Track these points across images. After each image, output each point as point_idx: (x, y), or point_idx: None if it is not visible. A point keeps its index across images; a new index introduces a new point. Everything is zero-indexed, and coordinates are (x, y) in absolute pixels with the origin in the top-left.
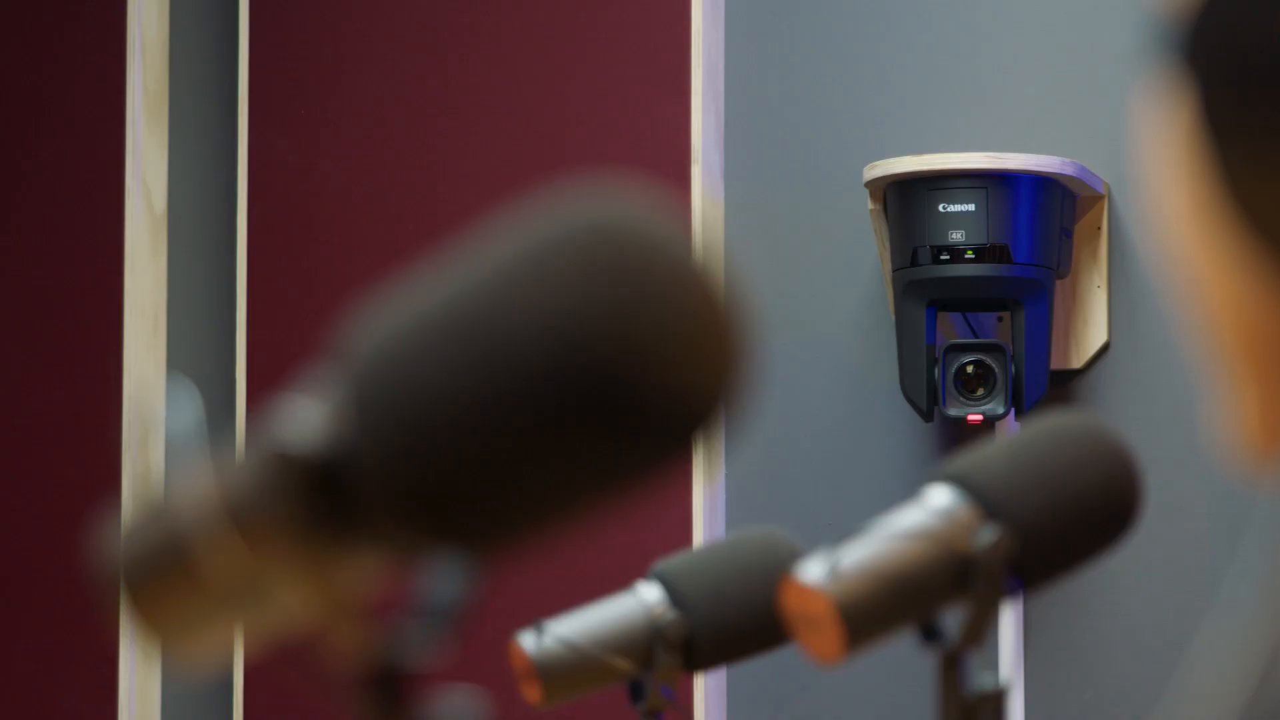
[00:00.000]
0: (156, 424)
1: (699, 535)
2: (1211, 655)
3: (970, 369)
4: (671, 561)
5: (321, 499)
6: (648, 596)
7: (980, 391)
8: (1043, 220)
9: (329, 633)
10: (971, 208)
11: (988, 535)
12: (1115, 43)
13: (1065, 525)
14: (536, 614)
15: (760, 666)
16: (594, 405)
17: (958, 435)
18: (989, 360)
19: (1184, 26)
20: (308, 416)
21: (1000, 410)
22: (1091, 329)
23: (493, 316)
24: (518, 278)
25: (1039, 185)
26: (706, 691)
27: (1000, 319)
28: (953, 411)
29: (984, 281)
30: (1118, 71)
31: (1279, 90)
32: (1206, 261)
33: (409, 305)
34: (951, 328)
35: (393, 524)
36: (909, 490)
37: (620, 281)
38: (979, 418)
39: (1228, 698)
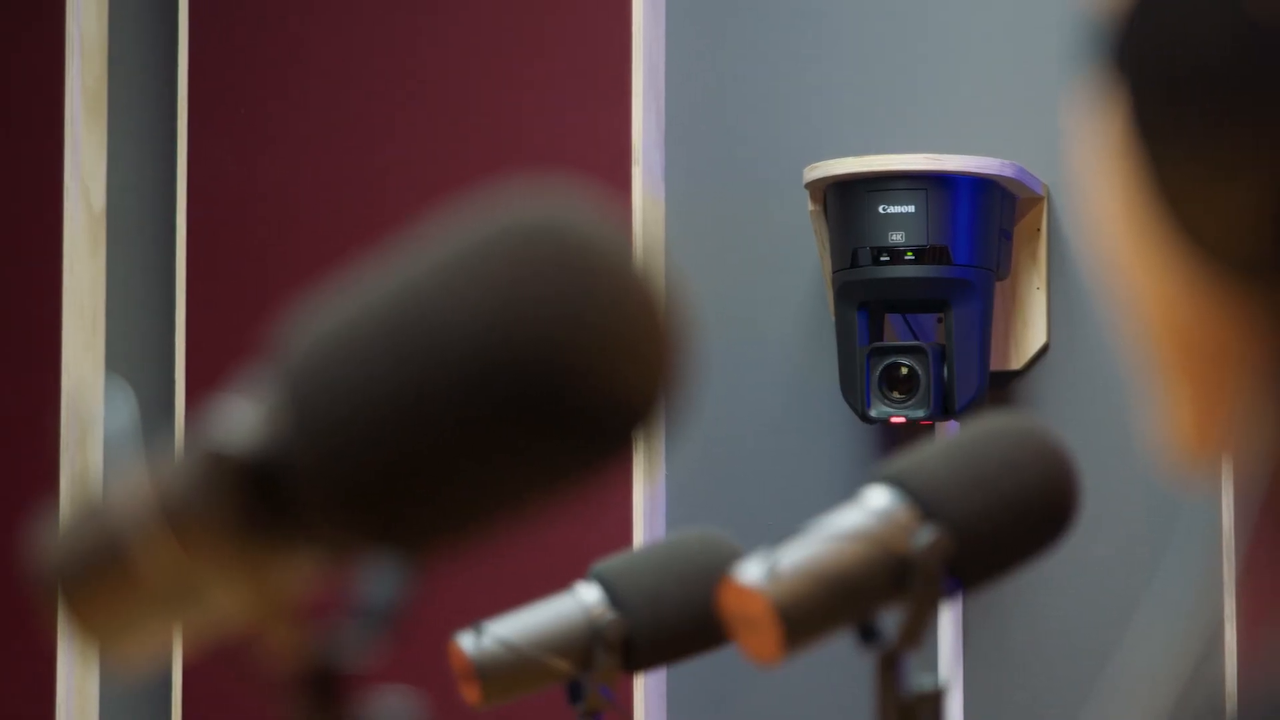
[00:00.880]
0: (94, 423)
1: (639, 536)
2: (1143, 655)
3: (903, 370)
4: (610, 562)
5: (257, 499)
6: (587, 597)
7: (903, 394)
8: (982, 222)
9: (265, 633)
10: (911, 209)
11: (926, 536)
12: (1055, 45)
13: (1003, 526)
14: (477, 615)
15: (700, 667)
16: (529, 405)
17: (898, 437)
18: (911, 362)
19: (1114, 31)
20: (243, 417)
21: (922, 413)
22: (1031, 330)
23: (428, 316)
24: (454, 278)
25: (978, 187)
26: (646, 692)
27: (940, 320)
28: (875, 413)
29: (919, 283)
30: (1057, 73)
31: (1207, 95)
32: (1140, 264)
33: (345, 305)
34: (893, 330)
35: (328, 524)
36: (850, 491)
37: (556, 281)
38: (902, 419)
39: (1159, 697)
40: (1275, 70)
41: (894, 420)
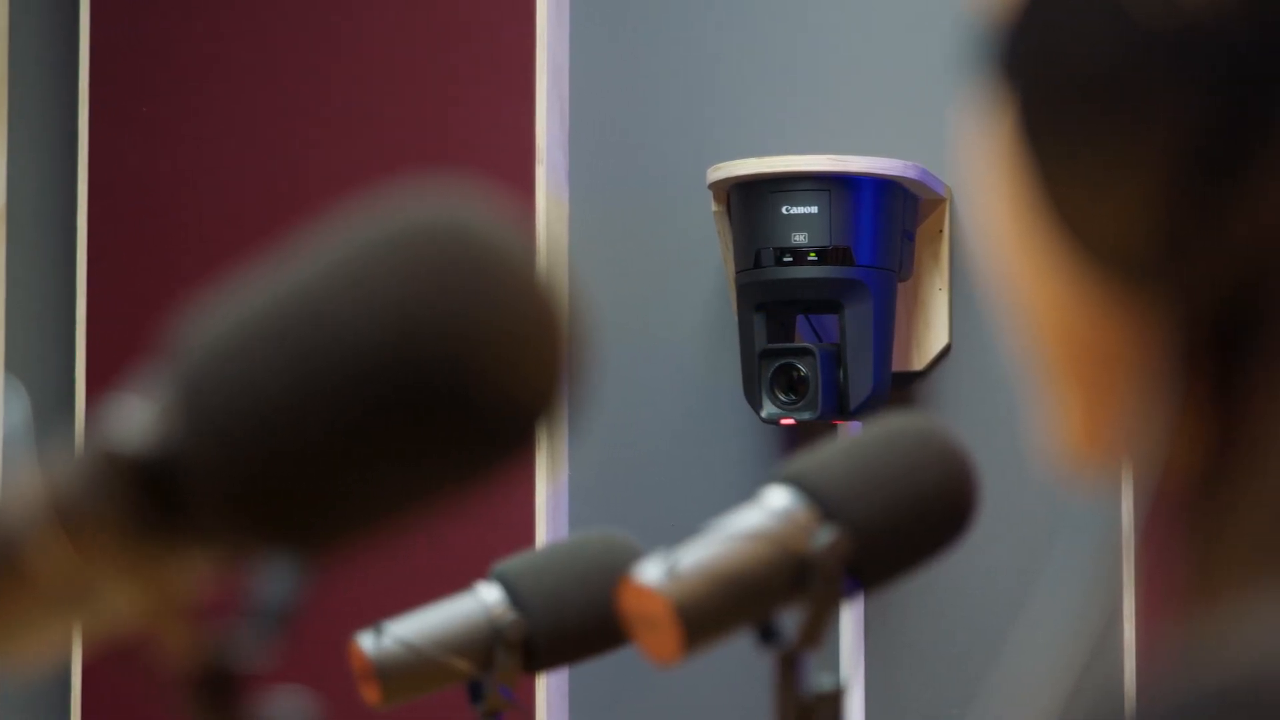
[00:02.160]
0: None
1: (542, 536)
2: (1031, 654)
3: (797, 372)
4: (511, 562)
5: (150, 499)
6: (487, 597)
7: (795, 395)
8: (885, 223)
9: (160, 633)
10: (814, 210)
11: (825, 536)
12: (958, 46)
13: (902, 526)
14: (378, 615)
15: (602, 667)
16: (424, 403)
17: (801, 437)
18: (799, 364)
19: (1000, 35)
20: (137, 416)
21: (810, 415)
22: (933, 331)
23: (322, 315)
24: (346, 276)
25: (881, 188)
26: (549, 692)
27: (840, 321)
28: (766, 414)
29: (821, 284)
30: (960, 75)
31: (1091, 99)
32: (1030, 267)
33: (241, 304)
34: (796, 331)
35: (222, 524)
36: (754, 492)
37: (450, 280)
38: (791, 421)
39: (1048, 696)
40: (1157, 74)
41: (784, 422)
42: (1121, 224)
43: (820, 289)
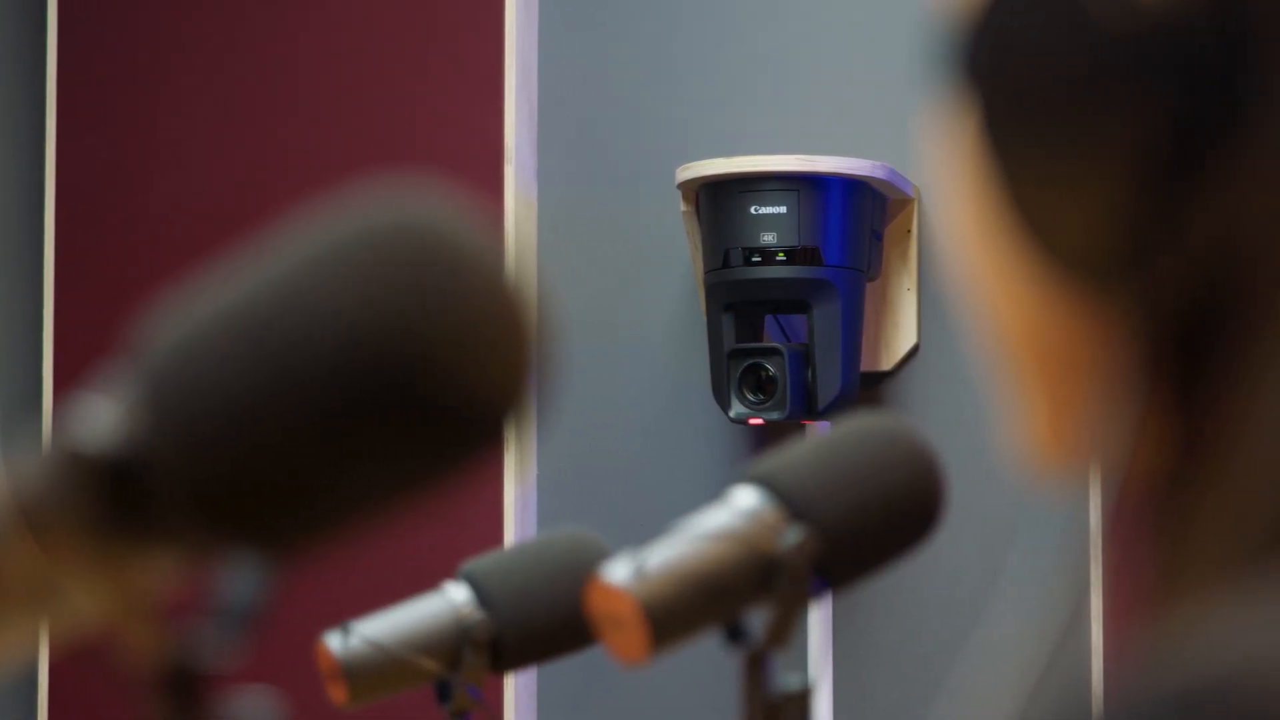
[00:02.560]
0: None
1: (510, 535)
2: (996, 653)
3: (765, 372)
4: (479, 562)
5: (115, 499)
6: (455, 597)
7: (763, 395)
8: (853, 223)
9: (125, 633)
10: (783, 210)
11: (793, 536)
12: (925, 47)
13: (870, 526)
14: (347, 614)
15: (571, 666)
16: (388, 403)
17: (770, 437)
18: (768, 364)
19: (963, 39)
20: (102, 415)
21: (778, 415)
22: (901, 331)
23: (287, 313)
24: (313, 275)
25: (850, 188)
26: (517, 691)
27: (809, 321)
28: (734, 414)
29: (789, 283)
30: (928, 75)
31: (1053, 104)
32: (995, 270)
33: (206, 302)
34: (765, 331)
35: (187, 523)
36: (722, 491)
37: (416, 278)
38: (759, 421)
39: (1012, 695)
40: (1118, 78)
41: (752, 421)
42: (1084, 226)
43: (789, 289)
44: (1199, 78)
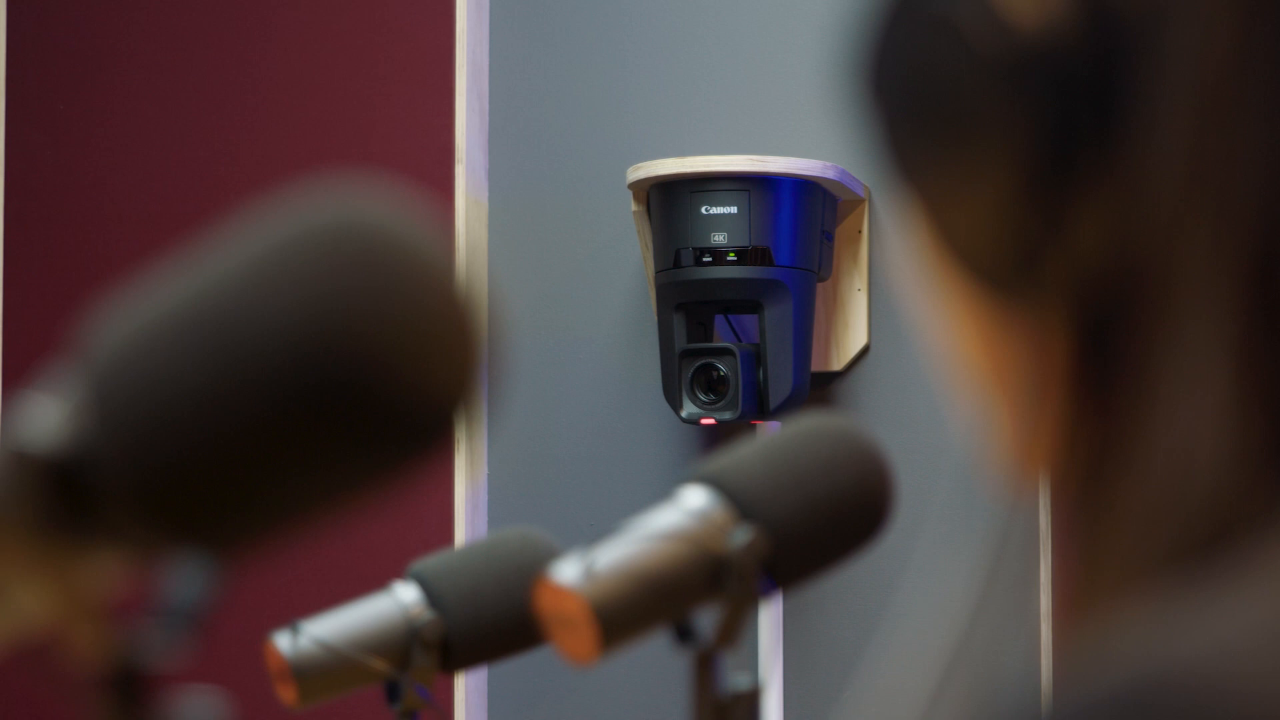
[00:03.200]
0: None
1: (461, 535)
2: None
3: (717, 372)
4: (428, 561)
5: (59, 498)
6: (404, 597)
7: (715, 395)
8: (804, 223)
9: (69, 633)
10: (734, 210)
11: (741, 536)
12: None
13: (818, 526)
14: (295, 614)
15: (521, 666)
16: (334, 402)
17: (721, 437)
18: (719, 364)
19: (860, 57)
20: (47, 415)
21: (730, 415)
22: (852, 332)
23: (232, 312)
24: (258, 275)
25: (800, 188)
26: (467, 691)
27: (761, 321)
28: (687, 414)
29: (740, 284)
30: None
31: (940, 122)
32: (932, 278)
33: (152, 302)
34: (719, 331)
35: (133, 523)
36: (672, 491)
37: (360, 278)
38: (712, 421)
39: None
40: (993, 95)
41: (704, 421)
42: (978, 235)
43: (740, 289)
44: (1070, 91)
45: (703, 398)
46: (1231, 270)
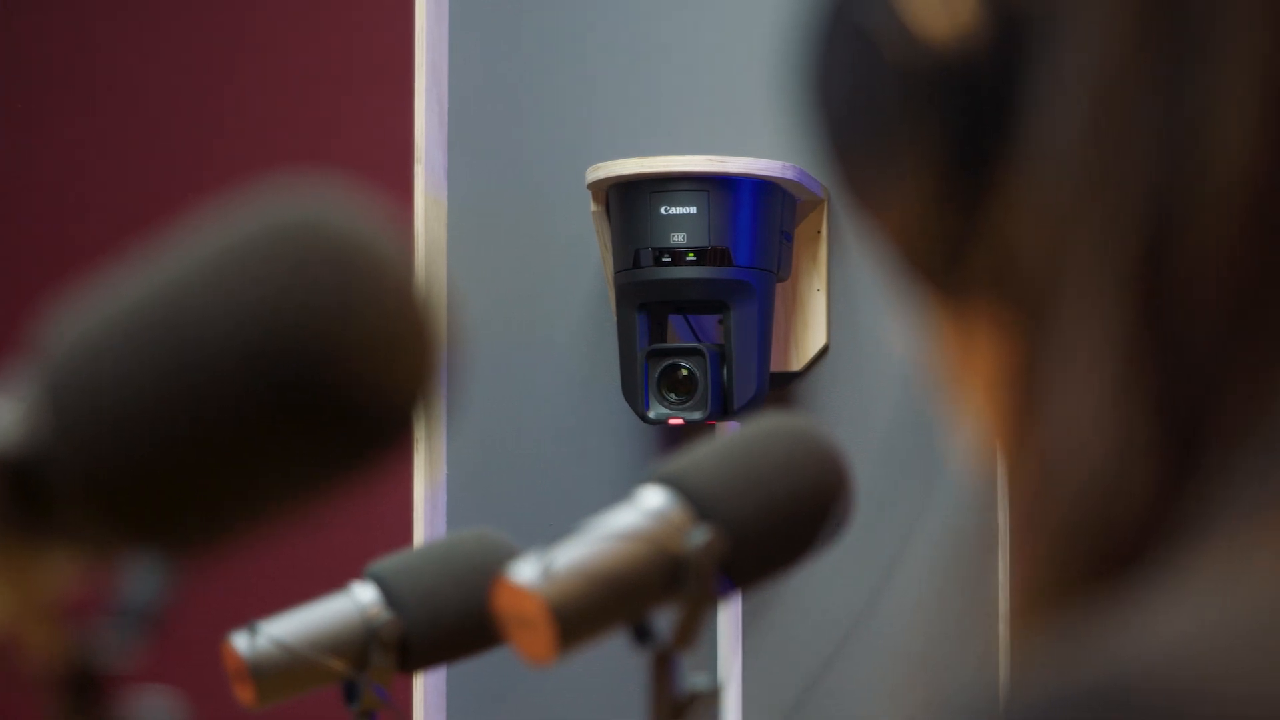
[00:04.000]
0: None
1: (420, 535)
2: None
3: (682, 372)
4: (387, 562)
5: (14, 498)
6: (362, 597)
7: (682, 395)
8: (763, 224)
9: (25, 633)
10: (693, 210)
11: (699, 536)
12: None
13: (776, 526)
14: (254, 614)
15: (480, 666)
16: (290, 401)
17: (679, 437)
18: (689, 364)
19: (801, 60)
20: (2, 414)
21: (700, 415)
22: (811, 332)
23: (189, 311)
24: (216, 273)
25: (760, 189)
26: (426, 691)
27: (721, 322)
28: (654, 415)
29: (700, 284)
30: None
31: (859, 132)
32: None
33: (108, 301)
34: (675, 331)
35: (88, 523)
36: (631, 491)
37: (315, 277)
38: (680, 421)
39: (915, 692)
40: (907, 105)
41: (672, 422)
42: (911, 235)
43: (698, 289)
44: (979, 96)
45: (669, 398)
46: (1118, 267)
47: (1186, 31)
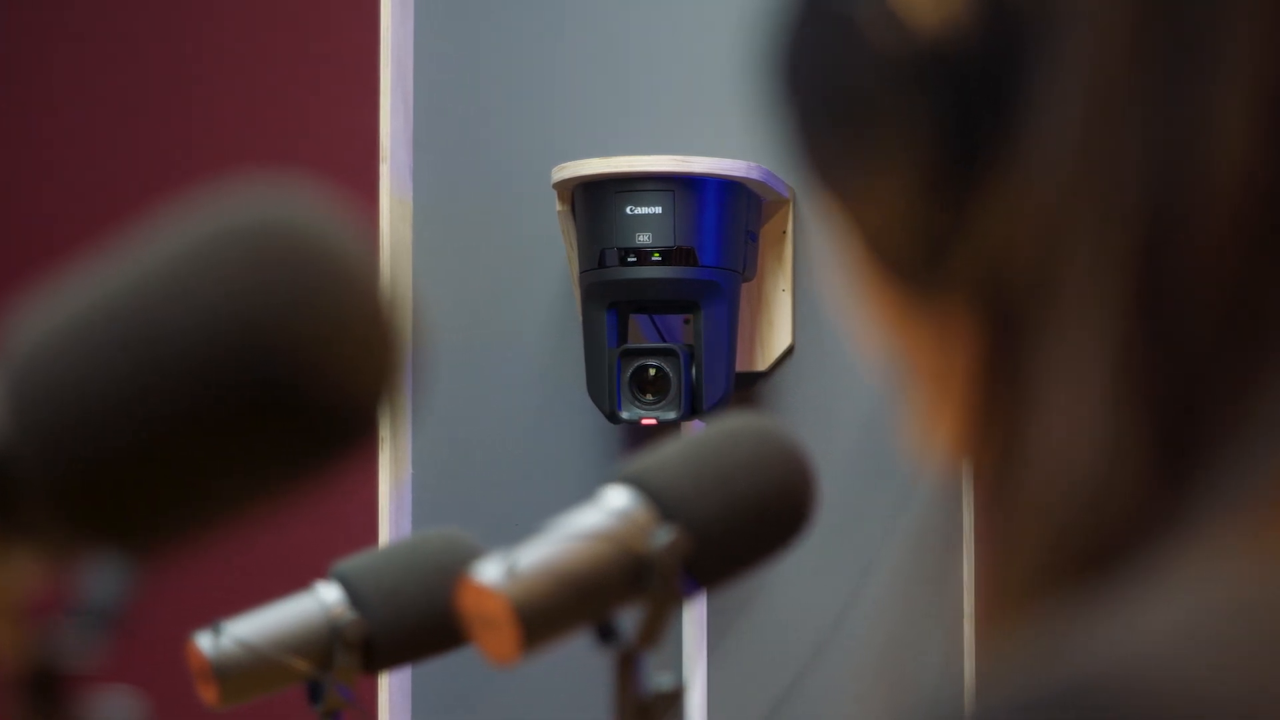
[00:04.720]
0: None
1: (385, 534)
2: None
3: (652, 372)
4: (351, 561)
5: None
6: (326, 597)
7: (653, 395)
8: (729, 224)
9: None
10: (658, 210)
11: (663, 536)
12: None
13: (741, 526)
14: (218, 614)
15: (445, 666)
16: (252, 400)
17: (644, 436)
18: (661, 364)
19: (771, 56)
20: None
21: (674, 414)
22: (776, 332)
23: (152, 310)
24: (180, 272)
25: (725, 189)
26: (391, 691)
27: (687, 321)
28: (627, 415)
29: (666, 284)
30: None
31: (841, 122)
32: (865, 277)
33: (71, 299)
34: (640, 330)
35: (51, 522)
36: (596, 491)
37: (278, 276)
38: (653, 421)
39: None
40: (894, 96)
41: (645, 422)
42: (890, 231)
43: (665, 289)
44: (969, 90)
45: (641, 398)
46: (1114, 268)
47: (1183, 30)
